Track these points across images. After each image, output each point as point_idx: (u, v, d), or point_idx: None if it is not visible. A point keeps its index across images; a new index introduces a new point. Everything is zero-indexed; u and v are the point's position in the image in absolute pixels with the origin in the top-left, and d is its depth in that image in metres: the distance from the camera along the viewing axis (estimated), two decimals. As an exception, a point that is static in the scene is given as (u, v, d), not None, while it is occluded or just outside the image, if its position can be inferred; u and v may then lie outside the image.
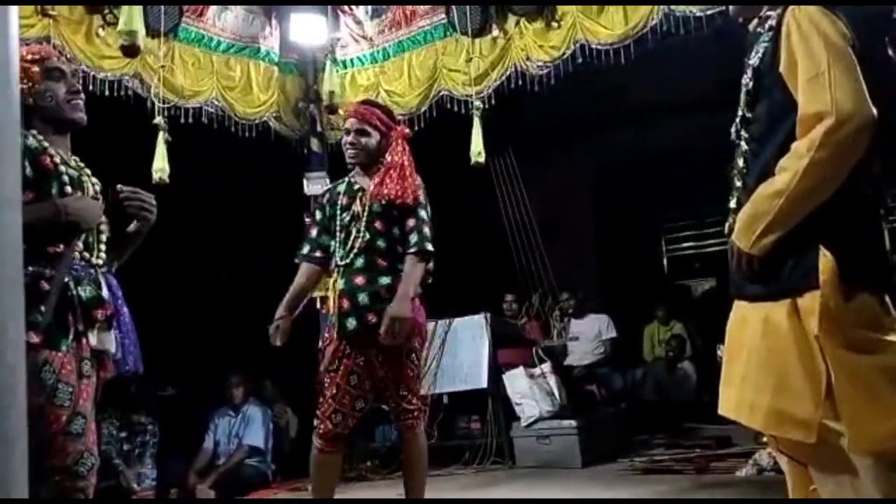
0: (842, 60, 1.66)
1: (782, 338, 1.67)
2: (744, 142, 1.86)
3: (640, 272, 8.77)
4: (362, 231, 2.88)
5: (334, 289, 2.88)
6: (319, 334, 2.97)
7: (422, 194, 2.93)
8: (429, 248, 2.86)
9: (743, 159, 1.85)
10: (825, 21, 1.70)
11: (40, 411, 1.87)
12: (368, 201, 2.90)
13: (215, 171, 5.92)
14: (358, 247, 2.87)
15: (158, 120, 5.14)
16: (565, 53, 5.13)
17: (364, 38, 6.08)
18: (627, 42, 4.89)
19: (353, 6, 6.08)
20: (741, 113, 1.87)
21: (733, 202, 1.86)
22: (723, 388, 1.82)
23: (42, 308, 1.90)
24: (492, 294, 6.63)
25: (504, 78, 5.44)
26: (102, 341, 2.08)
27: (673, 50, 5.23)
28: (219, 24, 5.70)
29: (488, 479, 4.95)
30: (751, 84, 1.83)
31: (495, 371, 5.50)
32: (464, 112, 5.58)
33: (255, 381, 5.88)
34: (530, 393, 5.29)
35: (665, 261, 9.47)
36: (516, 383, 5.36)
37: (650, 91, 7.18)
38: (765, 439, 2.93)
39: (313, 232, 3.05)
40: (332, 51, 6.03)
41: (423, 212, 2.91)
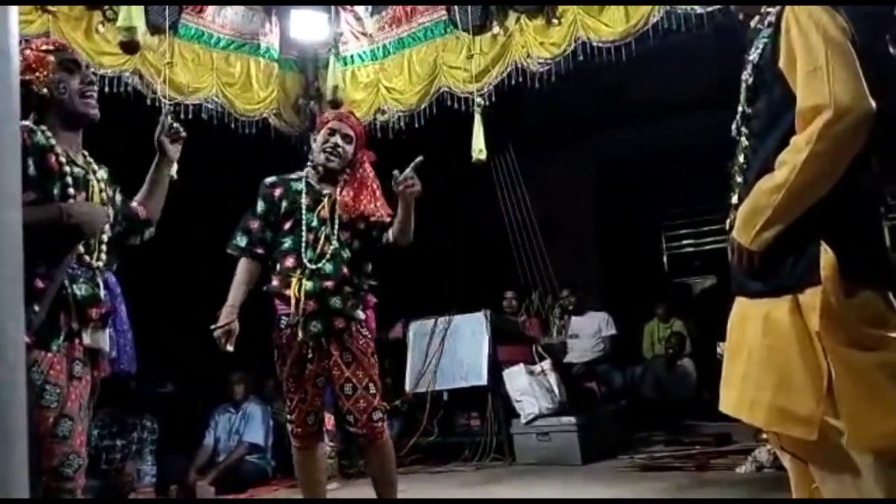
0: (840, 54, 1.65)
1: (783, 335, 1.66)
2: (744, 137, 1.86)
3: (640, 269, 8.75)
4: (332, 238, 2.88)
5: (299, 290, 2.80)
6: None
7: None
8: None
9: (743, 155, 1.85)
10: (824, 16, 1.70)
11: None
12: (338, 210, 2.91)
13: (215, 167, 5.90)
14: (330, 252, 2.86)
15: (166, 118, 5.10)
16: (566, 51, 5.13)
17: (364, 34, 6.07)
18: (628, 39, 4.89)
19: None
20: (741, 109, 1.87)
21: (734, 198, 1.86)
22: (723, 385, 1.81)
23: (36, 308, 1.88)
24: (492, 291, 6.61)
25: (504, 75, 5.43)
26: (96, 340, 2.07)
27: (674, 47, 5.23)
28: (219, 20, 5.69)
29: (488, 476, 4.94)
30: (751, 80, 1.82)
31: (495, 368, 5.49)
32: (464, 109, 5.57)
33: (256, 378, 5.88)
34: (530, 390, 5.28)
35: (665, 258, 9.45)
36: (516, 380, 5.36)
37: (651, 88, 7.17)
38: (765, 436, 2.93)
39: (254, 225, 2.98)
40: (336, 45, 6.01)
41: None
